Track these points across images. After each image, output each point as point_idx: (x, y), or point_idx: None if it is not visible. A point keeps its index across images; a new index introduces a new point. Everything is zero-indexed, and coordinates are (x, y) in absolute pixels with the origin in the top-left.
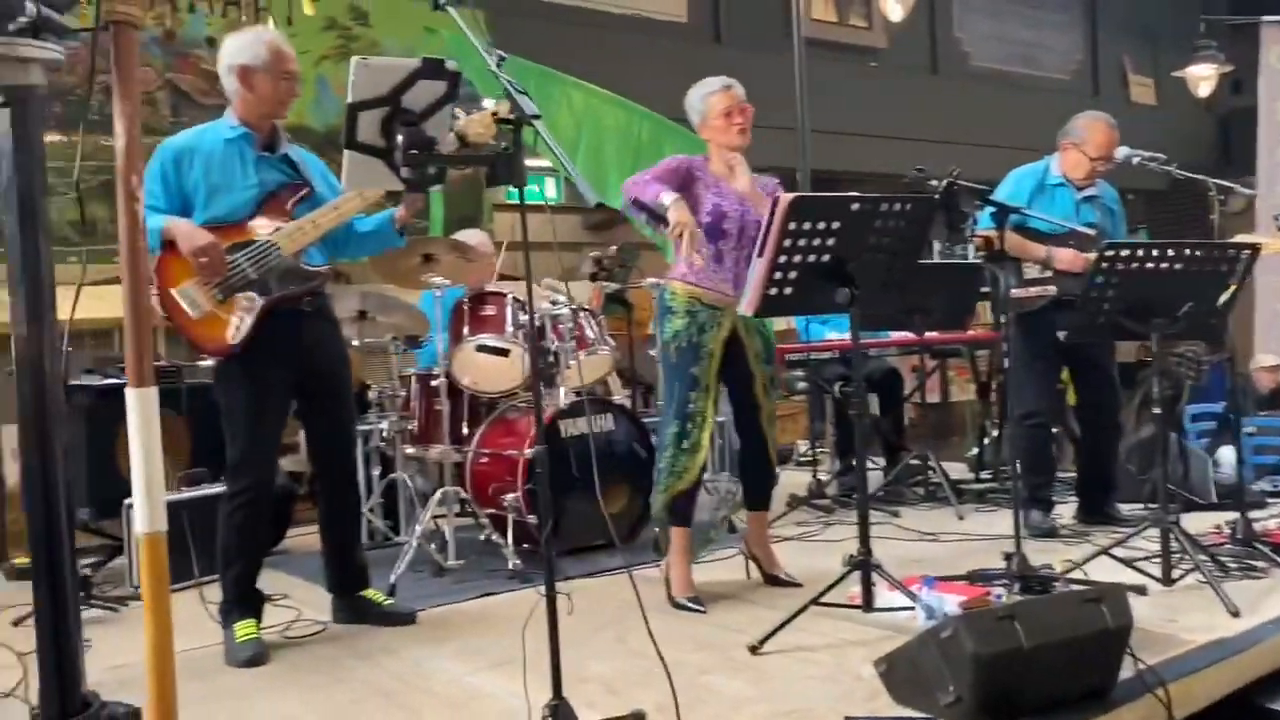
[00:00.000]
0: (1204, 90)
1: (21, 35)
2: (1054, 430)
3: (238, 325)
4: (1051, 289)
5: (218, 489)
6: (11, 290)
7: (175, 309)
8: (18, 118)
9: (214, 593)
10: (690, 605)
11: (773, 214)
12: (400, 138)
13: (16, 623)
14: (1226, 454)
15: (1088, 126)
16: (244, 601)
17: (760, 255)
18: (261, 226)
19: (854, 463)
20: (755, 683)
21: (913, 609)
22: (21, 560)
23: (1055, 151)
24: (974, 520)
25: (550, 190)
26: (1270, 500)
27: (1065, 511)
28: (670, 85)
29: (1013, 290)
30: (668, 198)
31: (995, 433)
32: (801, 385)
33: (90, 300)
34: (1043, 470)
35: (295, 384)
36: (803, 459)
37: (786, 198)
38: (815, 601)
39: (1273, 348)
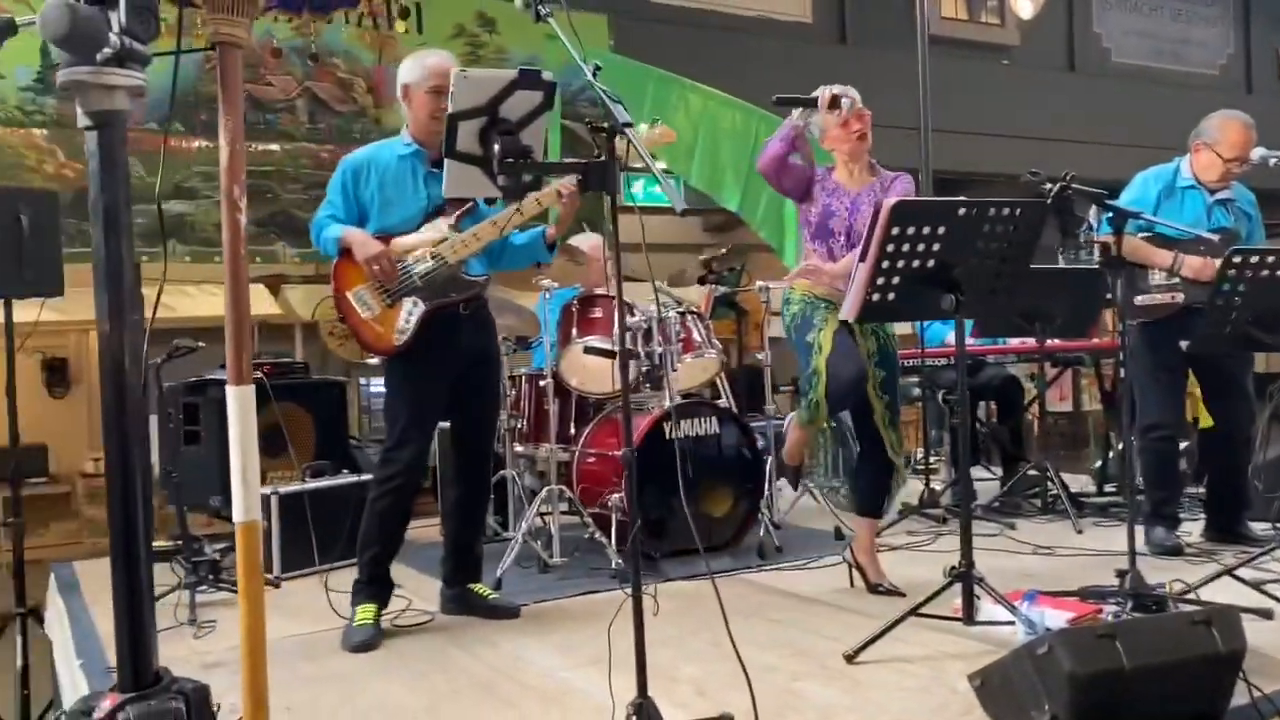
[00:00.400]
0: None
1: (108, 65)
2: (1182, 444)
3: (403, 328)
4: (1179, 297)
5: (340, 480)
6: (97, 291)
7: (349, 310)
8: (104, 140)
9: (335, 580)
10: (791, 473)
11: (875, 219)
12: (496, 146)
13: None
14: None
15: (1222, 126)
16: (373, 584)
17: (862, 260)
18: (429, 237)
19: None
20: (848, 691)
21: (1014, 623)
22: (160, 544)
23: (1186, 153)
24: (1094, 535)
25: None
26: None
27: (1195, 529)
28: (796, 86)
29: (1137, 298)
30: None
31: (1120, 445)
32: (915, 392)
33: None
34: (1167, 485)
35: (452, 382)
36: (917, 467)
37: (888, 203)
38: (914, 612)
39: None
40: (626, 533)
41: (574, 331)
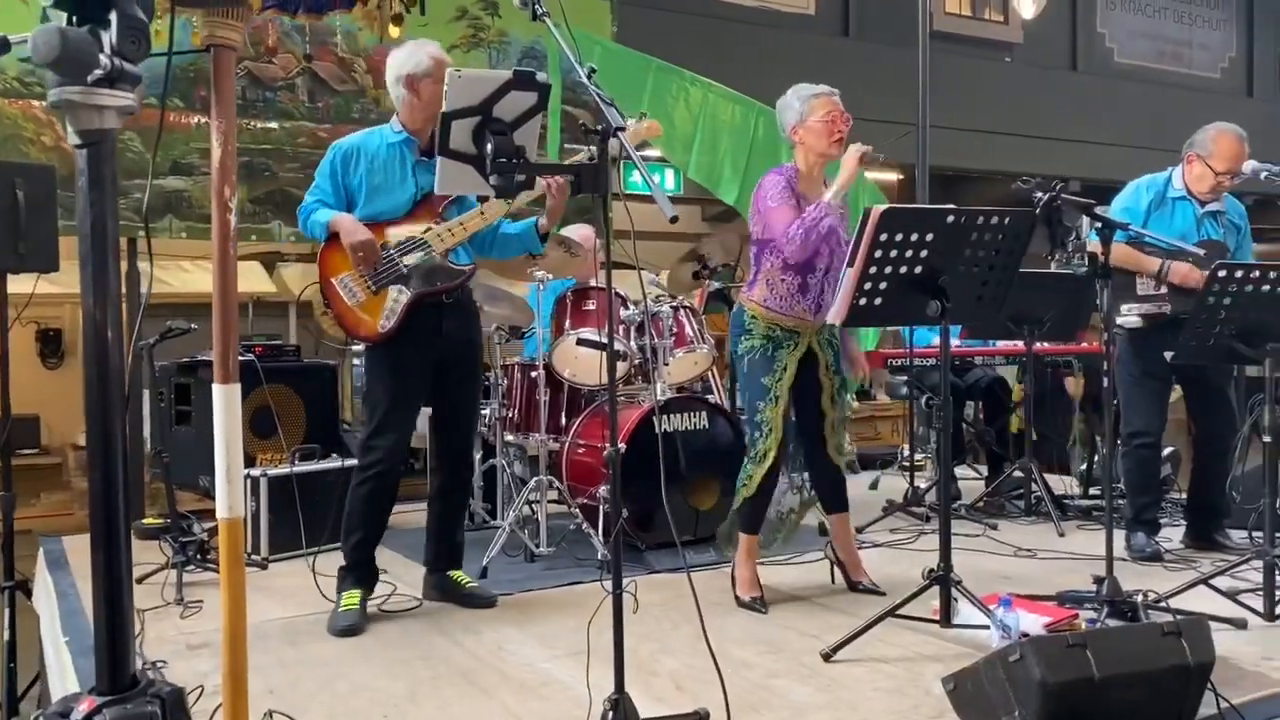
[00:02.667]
0: None
1: (98, 85)
2: (1165, 451)
3: (388, 316)
4: (1166, 306)
5: (328, 465)
6: (84, 301)
7: (334, 296)
8: (93, 158)
9: (322, 563)
10: (752, 605)
11: (864, 224)
12: (489, 146)
13: (140, 580)
14: None
15: (1216, 139)
16: (358, 569)
17: (850, 265)
18: (416, 226)
19: (952, 471)
20: (823, 689)
21: (990, 627)
22: (151, 520)
23: (1179, 163)
24: (1075, 538)
25: (669, 181)
26: None
27: (1176, 535)
28: (797, 79)
29: (1124, 306)
30: (826, 196)
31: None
32: (904, 391)
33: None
34: (1148, 491)
35: (433, 369)
36: (904, 464)
37: (878, 209)
38: (892, 613)
39: None
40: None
41: (567, 323)
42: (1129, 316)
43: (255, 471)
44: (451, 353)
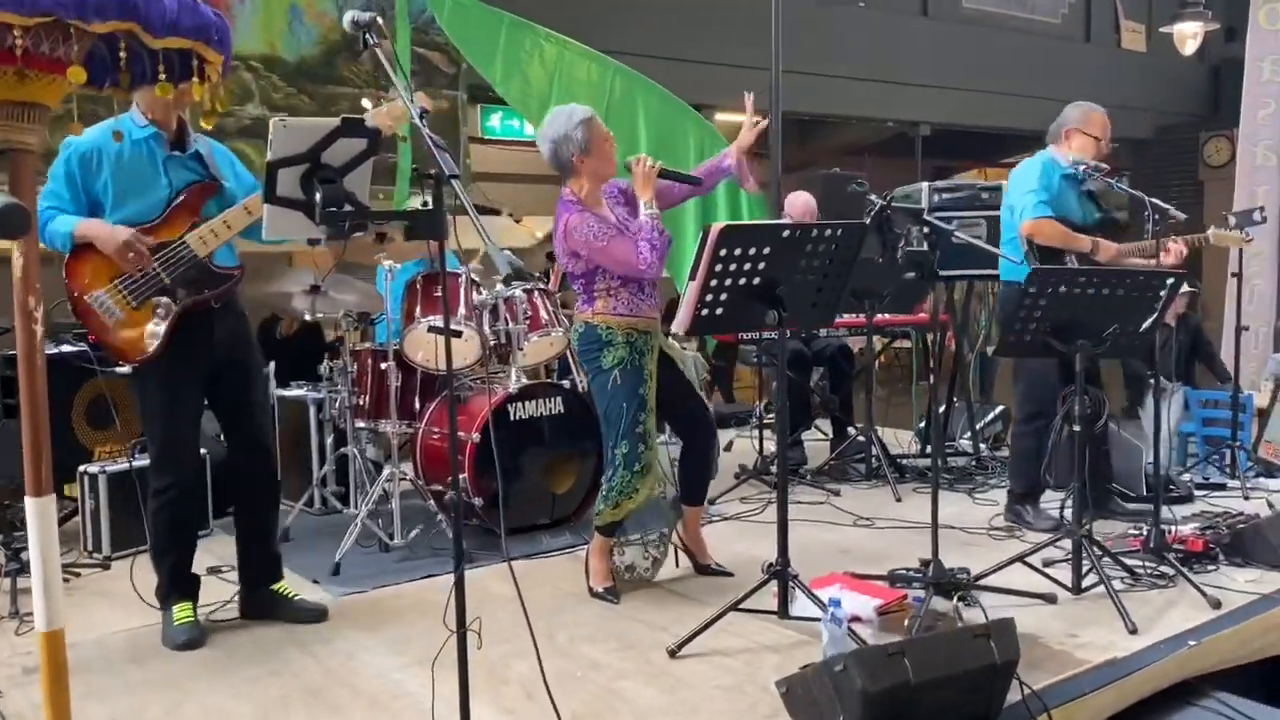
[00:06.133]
0: (1190, 48)
1: None
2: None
3: (154, 333)
4: None
5: None
6: None
7: (89, 315)
8: None
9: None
10: (605, 596)
11: (704, 242)
12: (318, 195)
13: None
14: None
15: (1085, 112)
16: (179, 587)
17: (692, 279)
18: (174, 229)
19: (799, 439)
20: (667, 691)
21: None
22: None
23: (1050, 144)
24: (911, 502)
25: (529, 130)
26: (1199, 494)
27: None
28: (654, 30)
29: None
30: (645, 212)
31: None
32: (754, 359)
33: None
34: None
35: (207, 378)
36: (759, 423)
37: (717, 227)
38: (734, 608)
39: None
40: (469, 512)
41: (418, 310)
42: None
43: (94, 468)
44: (226, 360)
